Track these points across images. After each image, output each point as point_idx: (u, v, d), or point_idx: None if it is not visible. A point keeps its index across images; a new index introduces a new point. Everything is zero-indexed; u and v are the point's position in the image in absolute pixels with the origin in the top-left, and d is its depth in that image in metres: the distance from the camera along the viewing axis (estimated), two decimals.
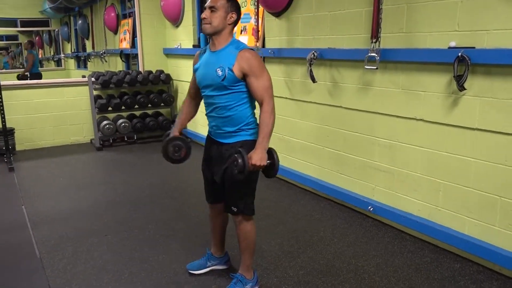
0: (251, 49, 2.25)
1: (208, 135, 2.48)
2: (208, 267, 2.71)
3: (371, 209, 3.39)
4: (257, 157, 2.13)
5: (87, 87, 5.93)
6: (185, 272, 2.70)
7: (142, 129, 6.10)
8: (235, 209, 2.35)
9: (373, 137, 3.37)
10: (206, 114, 2.41)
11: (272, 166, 2.23)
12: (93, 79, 5.94)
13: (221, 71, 2.20)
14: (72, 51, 11.21)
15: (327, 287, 2.53)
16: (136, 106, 6.17)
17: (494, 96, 2.54)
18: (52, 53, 13.01)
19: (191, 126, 6.30)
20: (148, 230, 3.33)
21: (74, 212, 3.70)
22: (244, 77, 2.21)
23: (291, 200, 3.91)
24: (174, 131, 2.52)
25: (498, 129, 2.55)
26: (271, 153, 2.22)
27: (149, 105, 6.25)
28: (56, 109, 5.93)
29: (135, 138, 6.22)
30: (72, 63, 11.60)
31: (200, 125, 6.06)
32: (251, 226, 2.41)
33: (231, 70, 2.18)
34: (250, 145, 2.24)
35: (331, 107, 3.72)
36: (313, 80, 3.68)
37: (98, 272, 2.73)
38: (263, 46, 4.45)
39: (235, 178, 2.25)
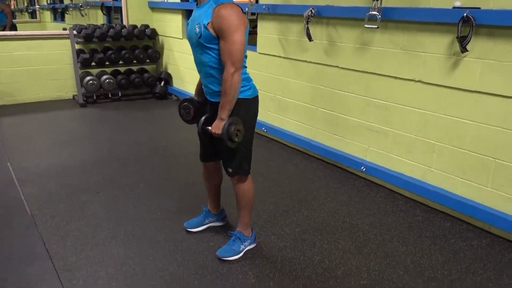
0: (233, 3, 2.08)
1: (203, 92, 2.39)
2: (206, 224, 2.71)
3: (364, 169, 3.42)
4: (215, 126, 2.16)
5: (68, 41, 5.67)
6: (181, 230, 2.69)
7: (127, 86, 5.92)
8: (230, 170, 2.34)
9: (369, 98, 3.35)
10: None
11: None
12: (74, 32, 5.67)
13: (198, 28, 2.10)
14: (48, 2, 10.63)
15: (323, 244, 2.57)
16: (121, 62, 5.95)
17: (496, 58, 2.53)
18: (25, 4, 12.31)
19: (178, 84, 6.16)
20: (139, 188, 3.29)
21: (62, 169, 3.62)
22: None
23: (283, 160, 3.91)
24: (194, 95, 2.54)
25: (498, 91, 2.55)
26: (231, 124, 2.14)
27: (134, 61, 6.04)
28: (36, 63, 5.67)
29: (120, 95, 6.05)
30: (48, 15, 11.02)
31: (186, 82, 5.93)
32: (248, 185, 2.40)
33: (206, 28, 2.07)
34: (240, 104, 2.18)
35: (326, 66, 3.66)
36: (310, 39, 3.59)
37: (93, 229, 2.70)
38: (257, 1, 4.29)
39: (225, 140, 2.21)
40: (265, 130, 4.40)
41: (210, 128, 2.21)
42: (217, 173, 2.59)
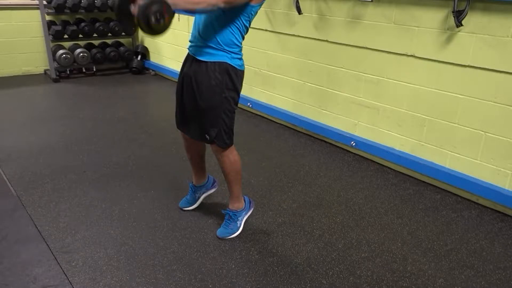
0: None
1: (187, 54, 2.26)
2: (199, 198, 2.64)
3: (353, 144, 3.45)
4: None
5: (37, 11, 5.34)
6: (177, 208, 2.64)
7: (102, 60, 5.69)
8: (207, 137, 2.21)
9: (360, 72, 3.35)
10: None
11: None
12: (44, 2, 5.33)
13: None
14: None
15: (321, 219, 2.59)
16: (95, 35, 5.70)
17: (490, 33, 2.56)
18: None
19: (155, 58, 5.97)
20: (129, 166, 3.20)
21: (43, 147, 3.47)
22: None
23: (272, 136, 3.89)
24: None
25: (491, 66, 2.60)
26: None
27: (109, 34, 5.80)
28: (3, 35, 5.35)
29: (94, 69, 5.82)
30: None
31: (164, 56, 5.75)
32: (234, 156, 2.29)
33: None
34: (227, 69, 2.09)
35: (315, 40, 3.62)
36: (299, 12, 3.53)
37: (85, 209, 2.61)
38: None
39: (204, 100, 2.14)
40: (250, 106, 4.35)
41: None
42: (198, 142, 2.42)
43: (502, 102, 2.60)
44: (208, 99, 2.15)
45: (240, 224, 2.42)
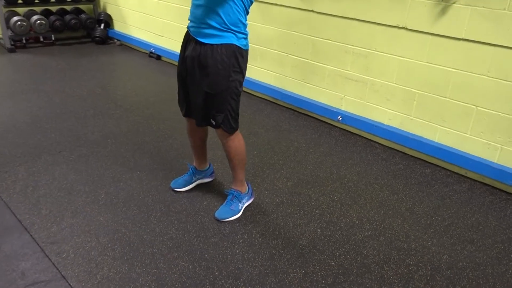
0: None
1: (187, 32, 2.11)
2: (194, 182, 2.53)
3: (340, 119, 3.39)
4: None
5: None
6: (168, 190, 2.50)
7: (61, 28, 5.25)
8: (213, 122, 2.13)
9: (347, 45, 3.26)
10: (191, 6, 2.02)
11: None
12: None
13: None
14: None
15: (319, 197, 2.53)
16: (52, 0, 5.23)
17: (486, 5, 2.53)
18: None
19: (120, 27, 5.59)
20: (108, 145, 2.98)
21: (8, 126, 3.16)
22: None
23: (254, 110, 3.76)
24: None
25: (486, 39, 2.58)
26: None
27: (68, 0, 5.34)
28: None
29: (53, 38, 5.38)
30: None
31: (129, 25, 5.39)
32: (238, 140, 2.23)
33: None
34: (235, 50, 1.97)
35: (300, 11, 3.47)
36: None
37: (67, 194, 2.41)
38: None
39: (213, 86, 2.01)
40: None
41: None
42: (202, 127, 2.32)
43: (495, 76, 2.60)
44: (214, 84, 2.01)
45: (241, 207, 2.32)
